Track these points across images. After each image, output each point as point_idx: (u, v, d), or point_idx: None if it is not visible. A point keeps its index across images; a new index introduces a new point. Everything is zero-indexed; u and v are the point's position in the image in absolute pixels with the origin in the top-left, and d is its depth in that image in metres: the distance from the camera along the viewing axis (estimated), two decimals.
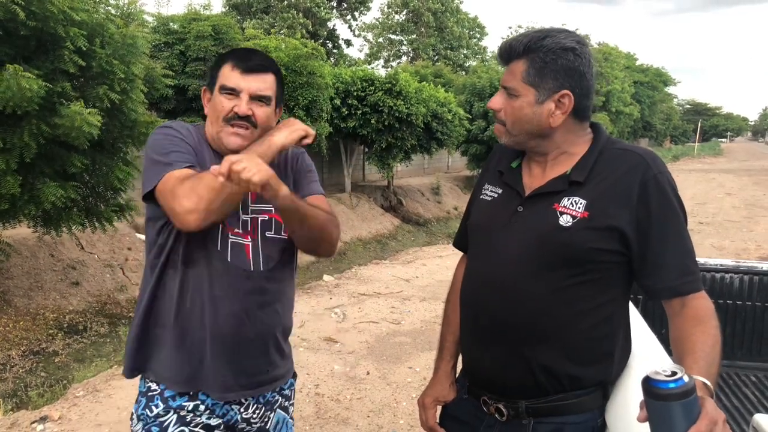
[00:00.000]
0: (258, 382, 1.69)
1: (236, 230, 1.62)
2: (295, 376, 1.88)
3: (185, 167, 1.53)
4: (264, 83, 1.61)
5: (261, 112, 1.60)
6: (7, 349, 6.07)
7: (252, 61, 1.61)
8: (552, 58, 1.40)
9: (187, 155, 1.57)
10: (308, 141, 1.62)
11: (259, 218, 1.66)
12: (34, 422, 3.64)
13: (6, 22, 5.04)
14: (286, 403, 1.82)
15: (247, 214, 1.64)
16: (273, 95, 1.64)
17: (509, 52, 1.45)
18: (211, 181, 1.41)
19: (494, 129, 1.55)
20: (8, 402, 4.89)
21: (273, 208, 1.66)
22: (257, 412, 1.72)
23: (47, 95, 5.20)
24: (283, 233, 1.68)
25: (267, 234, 1.66)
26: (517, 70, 1.43)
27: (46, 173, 5.62)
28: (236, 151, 1.58)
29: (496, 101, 1.49)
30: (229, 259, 1.60)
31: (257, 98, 1.59)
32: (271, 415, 1.76)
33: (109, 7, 6.45)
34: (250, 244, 1.63)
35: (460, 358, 1.72)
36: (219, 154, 1.63)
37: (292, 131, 1.59)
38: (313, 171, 1.83)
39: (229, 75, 1.59)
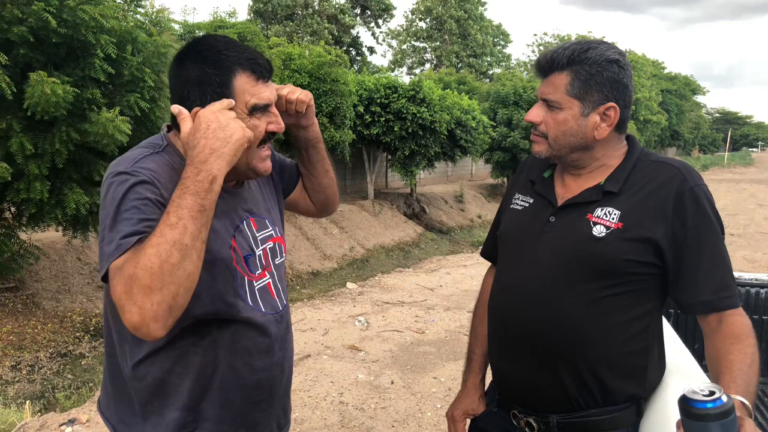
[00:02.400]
0: (289, 416, 1.60)
1: (257, 273, 1.39)
2: None
3: (134, 245, 1.11)
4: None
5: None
6: (36, 351, 6.17)
7: (266, 63, 1.32)
8: (597, 70, 1.38)
9: (146, 223, 1.15)
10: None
11: (267, 247, 1.44)
12: (62, 425, 3.69)
13: (37, 29, 5.15)
14: None
15: (259, 247, 1.41)
16: None
17: (551, 64, 1.42)
18: (165, 259, 1.06)
19: (533, 142, 1.50)
20: (36, 403, 4.96)
21: (273, 231, 1.47)
22: None
23: (77, 102, 5.30)
24: (283, 254, 1.52)
25: (276, 261, 1.47)
26: (559, 82, 1.40)
27: (74, 179, 5.72)
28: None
29: (536, 114, 1.46)
30: (263, 309, 1.39)
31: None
32: None
33: (138, 15, 6.56)
34: (270, 280, 1.43)
35: (488, 369, 1.70)
36: None
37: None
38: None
39: (256, 89, 1.28)
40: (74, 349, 6.43)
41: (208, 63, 1.27)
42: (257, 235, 1.42)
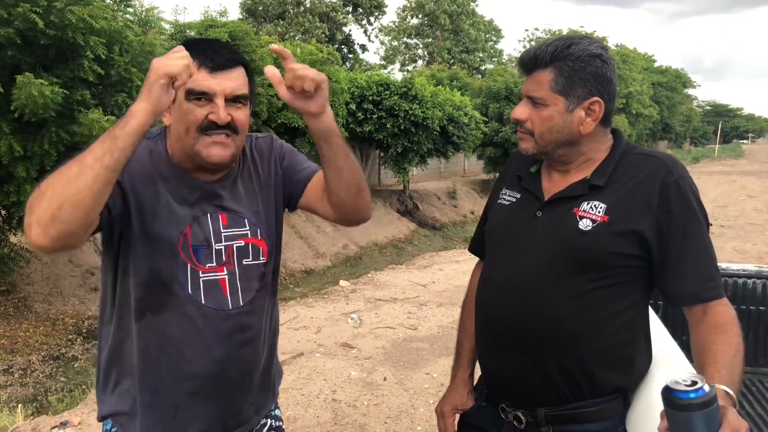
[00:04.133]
0: (245, 419, 1.55)
1: (209, 265, 1.40)
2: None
3: None
4: (238, 80, 1.36)
5: (240, 114, 1.37)
6: (28, 354, 6.15)
7: (220, 55, 1.34)
8: (581, 65, 1.38)
9: None
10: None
11: (234, 245, 1.43)
12: (54, 427, 3.68)
13: (25, 31, 5.12)
14: (278, 423, 1.68)
15: (221, 242, 1.42)
16: (249, 93, 1.40)
17: (534, 62, 1.42)
18: (62, 173, 1.14)
19: (520, 139, 1.50)
20: (29, 407, 4.95)
21: (249, 231, 1.46)
22: None
23: (66, 103, 5.27)
24: (261, 257, 1.48)
25: (244, 262, 1.45)
26: (543, 79, 1.41)
27: None
28: (219, 165, 1.39)
29: (521, 111, 1.46)
30: (203, 302, 1.39)
31: (233, 99, 1.35)
32: None
33: (127, 15, 6.53)
34: (226, 277, 1.42)
35: (477, 364, 1.71)
36: (188, 175, 1.41)
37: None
38: (296, 152, 1.59)
39: (196, 76, 1.29)
40: (67, 352, 6.42)
41: None
42: (222, 231, 1.43)
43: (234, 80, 1.35)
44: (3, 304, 6.75)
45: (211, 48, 1.35)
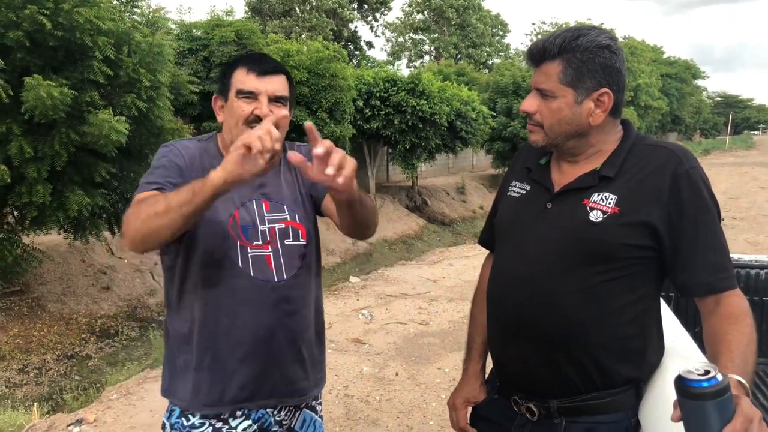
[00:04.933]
0: (300, 388, 1.72)
1: (255, 243, 1.63)
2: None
3: (153, 189, 1.51)
4: (280, 84, 1.62)
5: (281, 112, 1.61)
6: (43, 354, 6.21)
7: (266, 63, 1.62)
8: (589, 57, 1.37)
9: (165, 177, 1.55)
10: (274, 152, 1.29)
11: (277, 227, 1.66)
12: (70, 425, 3.71)
13: (33, 32, 5.15)
14: (313, 402, 1.82)
15: (265, 224, 1.65)
16: (288, 96, 1.65)
17: (542, 54, 1.42)
18: (154, 206, 1.37)
19: (529, 132, 1.50)
20: (44, 405, 5.00)
21: (288, 216, 1.67)
22: (288, 413, 1.75)
23: (76, 104, 5.31)
24: (301, 239, 1.69)
25: (286, 242, 1.67)
26: (552, 71, 1.40)
27: (76, 181, 5.73)
28: None
29: (530, 104, 1.46)
30: (252, 274, 1.61)
31: (275, 99, 1.60)
32: (299, 413, 1.78)
33: (135, 16, 6.55)
34: (271, 254, 1.64)
35: (489, 357, 1.71)
36: None
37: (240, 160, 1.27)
38: None
39: (245, 79, 1.59)
40: (81, 351, 6.47)
41: (226, 67, 1.69)
42: (266, 215, 1.66)
43: (276, 83, 1.61)
44: (17, 304, 6.82)
45: (259, 58, 1.64)
